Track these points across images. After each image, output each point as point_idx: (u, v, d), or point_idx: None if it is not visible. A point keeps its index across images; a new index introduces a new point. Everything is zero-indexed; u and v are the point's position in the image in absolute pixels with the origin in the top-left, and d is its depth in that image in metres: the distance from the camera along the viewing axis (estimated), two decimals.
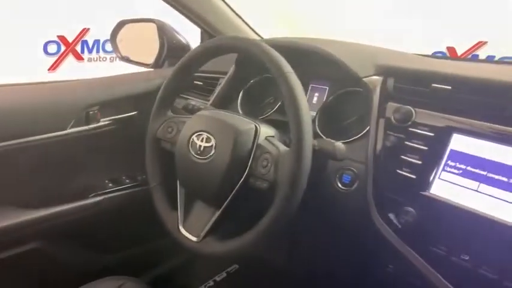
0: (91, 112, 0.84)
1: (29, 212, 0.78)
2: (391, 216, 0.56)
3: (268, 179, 0.54)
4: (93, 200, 0.87)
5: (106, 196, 0.89)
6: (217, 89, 0.88)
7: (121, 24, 1.15)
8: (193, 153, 0.61)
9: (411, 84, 0.61)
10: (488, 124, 0.51)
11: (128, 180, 0.94)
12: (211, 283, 1.21)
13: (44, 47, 2.55)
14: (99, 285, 0.75)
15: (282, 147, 0.55)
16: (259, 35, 1.11)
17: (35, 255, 0.79)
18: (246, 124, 0.60)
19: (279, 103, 0.83)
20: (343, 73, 0.66)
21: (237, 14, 1.03)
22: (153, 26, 1.09)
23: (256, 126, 0.60)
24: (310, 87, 0.85)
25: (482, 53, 3.02)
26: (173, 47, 1.08)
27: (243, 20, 1.04)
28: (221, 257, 0.60)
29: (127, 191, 0.93)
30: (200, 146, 0.61)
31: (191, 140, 0.62)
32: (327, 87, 0.81)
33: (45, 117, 0.78)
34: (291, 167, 0.51)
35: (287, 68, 0.54)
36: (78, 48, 2.70)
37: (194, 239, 0.62)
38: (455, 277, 0.48)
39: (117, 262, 0.93)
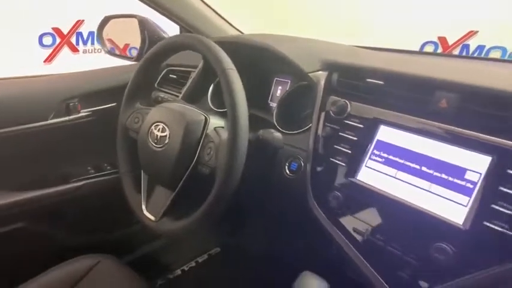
0: (71, 104, 0.92)
1: (16, 195, 0.86)
2: (323, 200, 0.61)
3: (210, 165, 0.61)
4: (75, 184, 0.95)
5: (87, 181, 0.97)
6: (189, 82, 0.94)
7: (106, 20, 1.21)
8: (151, 141, 0.68)
9: (352, 79, 0.66)
10: (411, 117, 0.56)
11: (108, 167, 1.02)
12: (193, 264, 1.30)
13: (39, 39, 2.62)
14: (77, 263, 0.83)
15: (224, 137, 0.61)
16: (239, 30, 1.16)
17: (21, 234, 0.87)
18: (197, 115, 0.66)
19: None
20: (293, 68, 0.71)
21: (214, 11, 1.08)
22: (136, 21, 1.15)
23: (206, 117, 0.66)
24: (274, 81, 0.90)
25: (473, 43, 3.01)
26: (154, 41, 1.13)
27: (221, 17, 1.09)
28: (173, 235, 0.66)
29: (108, 177, 1.01)
30: (157, 135, 0.67)
31: (150, 130, 0.69)
32: (289, 81, 0.87)
33: (27, 109, 0.85)
34: (226, 156, 0.57)
35: (228, 64, 0.60)
36: (73, 40, 2.76)
37: (153, 218, 0.69)
38: (370, 254, 0.54)
39: (99, 243, 1.01)
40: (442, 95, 0.53)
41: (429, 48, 3.24)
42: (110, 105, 1.00)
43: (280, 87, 0.89)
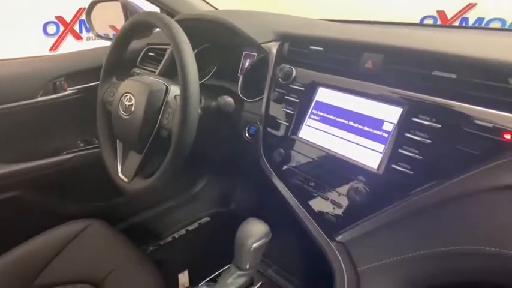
0: (57, 82, 1.00)
1: (9, 166, 0.95)
2: (270, 157, 0.68)
3: (168, 128, 0.68)
4: (65, 156, 1.04)
5: (77, 154, 1.06)
6: (164, 59, 1.01)
7: (93, 4, 1.28)
8: (121, 111, 0.76)
9: (298, 47, 0.71)
10: (343, 78, 0.62)
11: (97, 141, 1.10)
12: (183, 232, 1.39)
13: (43, 28, 2.71)
14: (66, 227, 0.92)
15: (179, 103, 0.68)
16: (213, 6, 1.21)
17: (15, 202, 0.97)
18: (159, 85, 0.73)
19: (213, 70, 0.95)
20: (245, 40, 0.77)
21: None
22: (119, 4, 1.21)
23: (167, 87, 0.73)
24: (243, 54, 0.96)
25: (472, 15, 2.97)
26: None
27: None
28: (142, 193, 0.74)
29: (96, 150, 1.09)
30: (126, 104, 0.75)
31: (120, 100, 0.76)
32: (256, 54, 0.92)
33: (16, 88, 0.94)
34: (178, 119, 0.64)
35: (181, 38, 0.66)
36: (77, 28, 2.85)
37: (126, 180, 0.77)
38: (305, 199, 0.61)
39: (91, 211, 1.10)
40: (368, 56, 0.59)
41: (429, 22, 3.22)
42: (95, 83, 1.07)
43: (248, 60, 0.95)
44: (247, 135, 0.78)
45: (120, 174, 0.80)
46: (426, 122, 0.49)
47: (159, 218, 1.36)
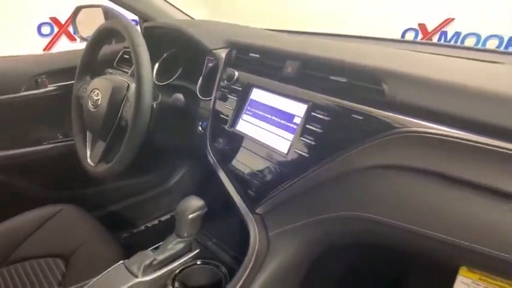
0: (39, 79, 1.12)
1: None
2: (214, 147, 0.80)
3: (126, 119, 0.80)
4: (45, 146, 1.16)
5: (56, 145, 1.18)
6: None
7: (78, 9, 1.41)
8: (90, 104, 0.88)
9: (242, 54, 0.84)
10: (271, 81, 0.74)
11: None
12: (156, 222, 1.50)
13: (37, 28, 2.83)
14: (44, 209, 1.02)
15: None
16: (190, 17, 1.34)
17: None
18: (122, 82, 0.85)
19: (179, 72, 1.07)
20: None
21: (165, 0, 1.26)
22: (100, 10, 1.34)
23: (128, 84, 0.85)
24: (206, 59, 1.08)
25: (450, 29, 3.14)
26: None
27: (171, 4, 1.27)
28: (105, 176, 0.85)
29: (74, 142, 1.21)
30: (94, 99, 0.87)
31: (90, 95, 0.88)
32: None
33: (0, 82, 1.06)
34: (132, 112, 0.76)
35: (137, 41, 0.79)
36: (71, 29, 2.96)
37: (93, 165, 0.89)
38: (236, 180, 0.73)
39: (68, 197, 1.21)
40: (289, 63, 0.72)
41: (410, 35, 3.38)
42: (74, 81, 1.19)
43: (210, 64, 1.08)
44: (200, 128, 0.90)
45: (88, 160, 0.92)
46: (320, 116, 0.62)
47: (133, 209, 1.46)
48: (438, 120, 0.51)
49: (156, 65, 1.13)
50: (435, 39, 3.25)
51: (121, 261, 0.70)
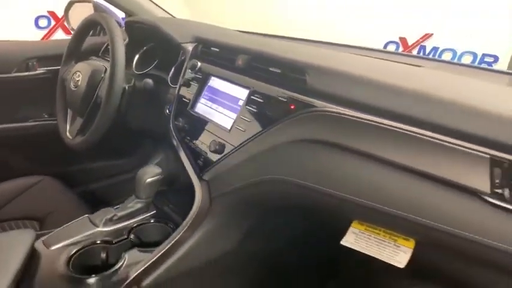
0: (30, 63, 1.24)
1: None
2: (176, 127, 0.93)
3: (101, 97, 0.93)
4: (31, 123, 1.28)
5: (41, 123, 1.29)
6: None
7: (70, 4, 1.54)
8: (72, 84, 1.00)
9: (206, 48, 0.97)
10: (225, 71, 0.87)
11: None
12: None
13: (35, 21, 2.95)
14: (21, 180, 1.14)
15: None
16: (171, 14, 1.48)
17: None
18: (100, 66, 0.98)
19: (155, 63, 1.20)
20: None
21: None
22: (90, 5, 1.47)
23: (106, 68, 0.98)
24: (180, 52, 1.22)
25: (428, 44, 3.32)
26: None
27: (154, 3, 1.40)
28: (80, 147, 0.97)
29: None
30: (75, 79, 0.99)
31: (72, 77, 1.01)
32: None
33: None
34: (106, 89, 0.88)
35: (114, 32, 0.91)
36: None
37: (71, 137, 1.02)
38: (191, 152, 0.86)
39: (49, 172, 1.32)
40: (240, 56, 0.85)
41: (391, 47, 3.56)
42: None
43: (183, 57, 1.21)
44: (167, 111, 1.03)
45: (67, 133, 1.04)
46: (257, 99, 0.75)
47: (113, 188, 1.57)
48: (343, 104, 0.64)
49: (137, 56, 1.26)
50: (414, 52, 3.43)
51: (86, 215, 0.82)
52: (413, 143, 0.55)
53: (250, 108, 0.76)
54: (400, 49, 3.54)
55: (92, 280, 0.67)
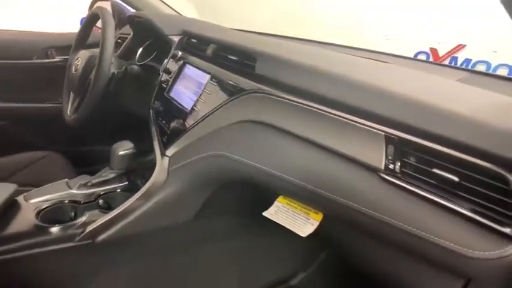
0: (49, 52, 1.41)
1: (6, 103, 1.36)
2: (152, 107, 1.03)
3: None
4: (48, 105, 1.44)
5: (56, 105, 1.45)
6: (123, 45, 1.39)
7: (93, 3, 1.71)
8: (73, 69, 1.14)
9: (189, 40, 1.06)
10: (198, 59, 0.96)
11: None
12: None
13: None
14: (26, 155, 1.29)
15: None
16: (178, 12, 1.60)
17: (2, 129, 1.37)
18: (96, 53, 1.10)
19: (153, 55, 1.32)
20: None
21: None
22: (109, 3, 1.63)
23: None
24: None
25: (461, 56, 3.20)
26: (121, 18, 1.61)
27: (163, 1, 1.53)
28: (75, 123, 1.10)
29: None
30: (76, 64, 1.13)
31: (74, 62, 1.14)
32: None
33: (18, 50, 1.36)
34: (95, 71, 1.00)
35: (107, 23, 1.03)
36: None
37: (69, 114, 1.15)
38: (160, 132, 0.94)
39: (59, 150, 1.47)
40: (210, 46, 0.93)
41: (421, 57, 3.47)
42: None
43: None
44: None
45: (68, 112, 1.18)
46: (213, 83, 0.83)
47: None
48: (275, 86, 0.69)
49: (140, 49, 1.38)
50: (446, 63, 3.31)
51: (65, 179, 0.93)
52: (325, 121, 0.60)
53: (207, 91, 0.84)
54: (431, 60, 3.44)
55: (53, 229, 0.77)
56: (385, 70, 0.72)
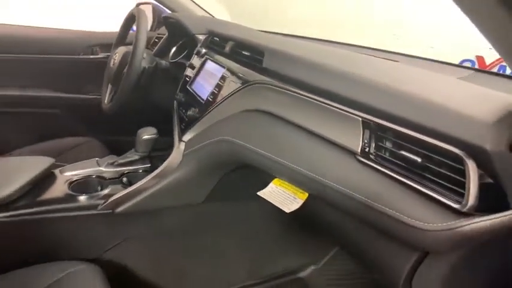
0: (94, 48, 1.57)
1: (55, 93, 1.54)
2: (176, 99, 1.12)
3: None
4: (91, 96, 1.61)
5: (97, 96, 1.61)
6: (159, 44, 1.52)
7: (137, 5, 1.87)
8: (112, 63, 1.27)
9: (213, 38, 1.15)
10: (218, 56, 1.04)
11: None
12: None
13: None
14: (70, 139, 1.45)
15: None
16: (210, 14, 1.70)
17: (52, 116, 1.55)
18: (130, 49, 1.22)
19: (185, 52, 1.43)
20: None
21: (193, 2, 1.64)
22: (150, 6, 1.79)
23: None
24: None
25: None
26: (159, 19, 1.75)
27: (195, 3, 1.64)
28: (110, 112, 1.22)
29: None
30: (114, 59, 1.26)
31: (113, 57, 1.28)
32: None
33: (68, 46, 1.53)
34: (128, 64, 1.12)
35: (142, 23, 1.14)
36: None
37: (106, 103, 1.28)
38: (180, 120, 1.04)
39: (100, 138, 1.61)
40: (228, 43, 1.01)
41: (467, 66, 3.32)
42: None
43: None
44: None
45: (105, 101, 1.31)
46: (226, 75, 0.90)
47: None
48: (278, 78, 0.75)
49: (174, 48, 1.50)
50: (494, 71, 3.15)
51: (96, 158, 1.05)
52: (311, 108, 0.65)
53: (220, 83, 0.91)
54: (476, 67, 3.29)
55: (80, 197, 0.88)
56: (381, 65, 0.75)
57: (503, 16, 0.32)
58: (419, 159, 0.49)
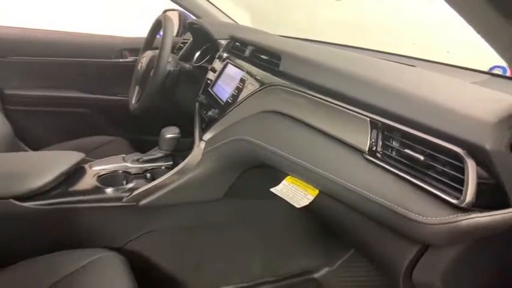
0: (123, 52, 1.66)
1: (86, 94, 1.65)
2: (198, 100, 1.18)
3: None
4: (119, 97, 1.70)
5: (125, 98, 1.70)
6: (184, 48, 1.59)
7: (164, 12, 1.97)
8: (139, 66, 1.35)
9: (234, 43, 1.21)
10: (237, 59, 1.09)
11: None
12: None
13: None
14: (99, 138, 1.54)
15: None
16: (234, 20, 1.76)
17: (81, 115, 1.65)
18: (156, 53, 1.30)
19: (208, 57, 1.49)
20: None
21: (215, 7, 1.71)
22: (176, 13, 1.87)
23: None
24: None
25: None
26: (185, 25, 1.83)
27: (220, 10, 1.71)
28: (137, 112, 1.29)
29: None
30: (142, 62, 1.34)
31: (140, 61, 1.36)
32: None
33: (100, 50, 1.63)
34: (154, 67, 1.19)
35: (168, 30, 1.21)
36: None
37: (134, 104, 1.36)
38: (200, 120, 1.09)
39: (126, 137, 1.71)
40: (248, 48, 1.06)
41: (497, 72, 3.23)
42: None
43: None
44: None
45: (132, 102, 1.39)
46: (244, 77, 0.95)
47: None
48: (292, 80, 0.79)
49: (198, 53, 1.57)
50: None
51: (122, 155, 1.12)
52: (323, 108, 0.69)
53: (238, 85, 0.96)
54: (508, 74, 3.19)
55: (107, 190, 0.95)
56: (394, 69, 0.77)
57: (493, 13, 0.35)
58: (422, 158, 0.52)
